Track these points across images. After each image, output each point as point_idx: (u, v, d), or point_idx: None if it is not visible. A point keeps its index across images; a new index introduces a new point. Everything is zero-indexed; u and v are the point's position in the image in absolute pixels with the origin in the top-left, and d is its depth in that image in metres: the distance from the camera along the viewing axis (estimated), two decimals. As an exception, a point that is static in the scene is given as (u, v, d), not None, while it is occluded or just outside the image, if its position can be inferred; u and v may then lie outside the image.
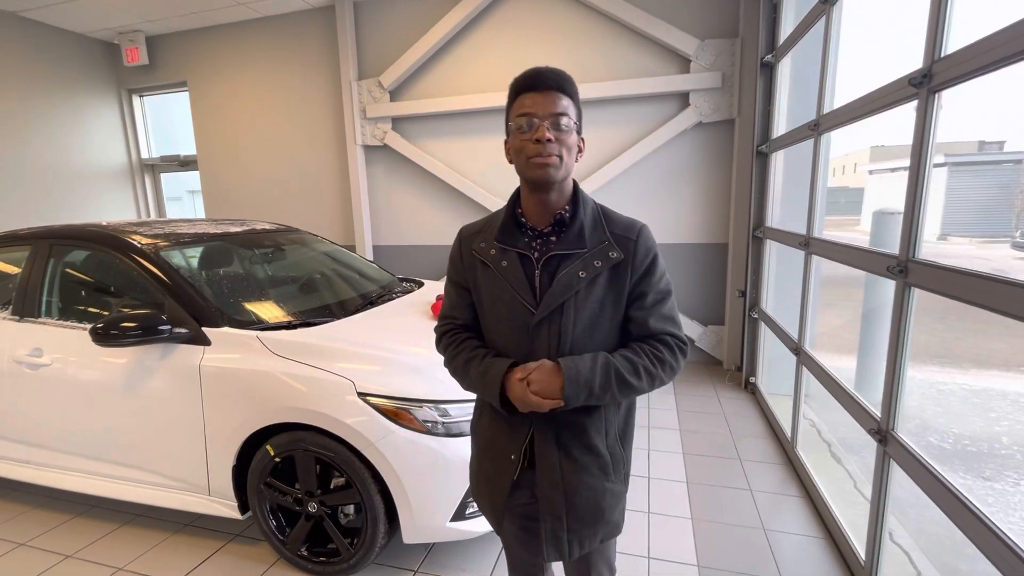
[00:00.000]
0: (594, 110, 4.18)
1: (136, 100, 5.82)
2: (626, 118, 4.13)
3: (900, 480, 1.73)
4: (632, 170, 4.12)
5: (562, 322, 1.03)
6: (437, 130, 4.61)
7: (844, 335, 5.10)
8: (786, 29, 3.24)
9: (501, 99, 4.24)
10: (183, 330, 1.99)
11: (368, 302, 2.55)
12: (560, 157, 1.00)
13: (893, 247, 1.64)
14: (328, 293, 2.69)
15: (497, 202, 4.44)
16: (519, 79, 1.04)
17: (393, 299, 2.66)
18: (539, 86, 1.02)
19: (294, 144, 5.14)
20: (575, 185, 1.10)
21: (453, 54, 4.44)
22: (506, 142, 1.08)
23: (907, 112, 1.70)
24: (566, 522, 1.09)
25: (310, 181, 5.16)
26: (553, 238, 1.07)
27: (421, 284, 3.08)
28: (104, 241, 2.24)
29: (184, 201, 6.76)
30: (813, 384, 3.06)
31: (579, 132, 1.06)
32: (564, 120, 1.00)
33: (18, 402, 2.24)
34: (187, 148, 5.74)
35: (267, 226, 3.01)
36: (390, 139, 4.64)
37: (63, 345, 2.17)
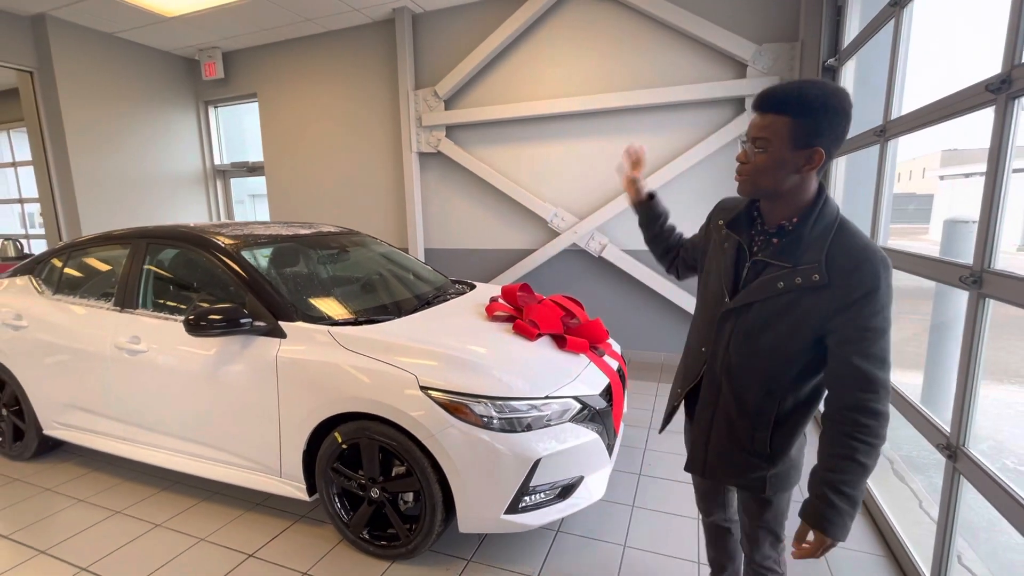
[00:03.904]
0: (647, 116, 4.18)
1: (211, 111, 6.29)
2: (680, 123, 4.12)
3: (970, 502, 1.66)
4: (686, 174, 4.09)
5: (749, 318, 1.17)
6: (489, 137, 4.74)
7: (908, 349, 4.83)
8: (851, 32, 3.15)
9: (553, 107, 4.34)
10: (262, 324, 2.17)
11: (425, 302, 2.67)
12: (749, 177, 1.11)
13: (966, 257, 1.59)
14: (389, 293, 2.84)
15: (547, 207, 4.51)
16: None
17: (448, 300, 2.77)
18: (758, 107, 1.09)
19: (353, 151, 5.41)
20: (816, 199, 1.10)
21: (506, 64, 4.56)
22: None
23: (982, 114, 1.64)
24: (702, 458, 1.33)
25: (367, 186, 5.41)
26: (775, 240, 1.15)
27: (473, 286, 3.18)
28: (194, 241, 2.47)
29: (245, 204, 7.25)
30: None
31: (799, 146, 1.04)
32: (758, 142, 1.08)
33: (118, 384, 2.50)
34: (255, 155, 6.15)
35: (332, 229, 3.21)
36: (444, 146, 4.81)
37: (157, 334, 2.40)
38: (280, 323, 2.17)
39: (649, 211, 1.54)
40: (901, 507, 2.31)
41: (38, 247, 6.49)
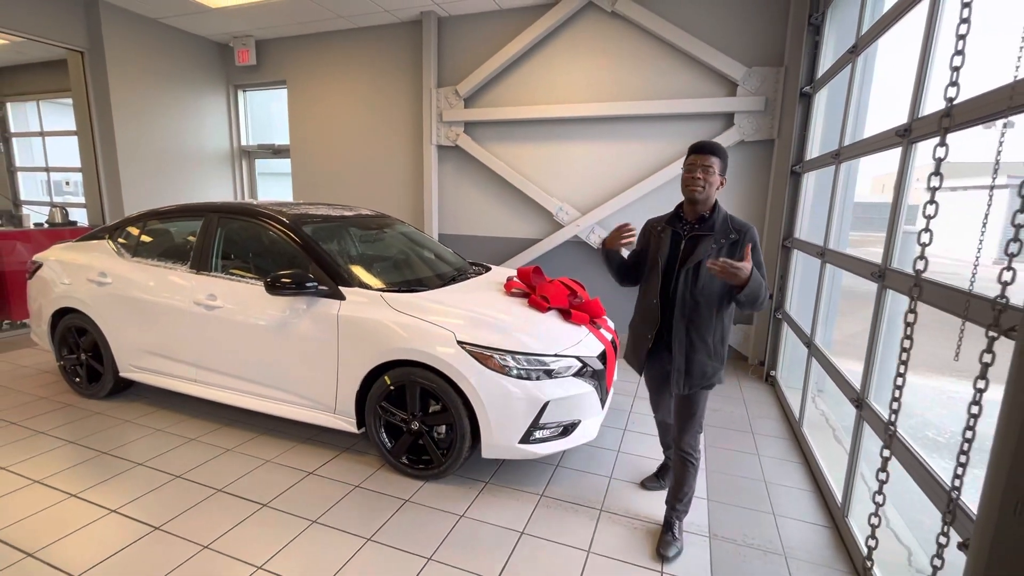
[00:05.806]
0: (647, 125, 4.68)
1: (240, 94, 6.68)
2: (676, 133, 4.62)
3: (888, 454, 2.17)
4: (677, 180, 4.59)
5: (699, 272, 1.93)
6: (504, 135, 5.21)
7: (856, 342, 5.42)
8: (824, 63, 3.66)
9: (564, 110, 4.87)
10: (324, 288, 2.66)
11: (452, 278, 3.17)
12: (704, 188, 1.92)
13: (909, 260, 2.08)
14: (422, 269, 3.33)
15: (553, 201, 5.00)
16: (691, 146, 1.98)
17: (470, 278, 3.27)
18: (701, 151, 1.94)
19: (375, 140, 5.85)
20: (716, 203, 1.98)
21: (523, 69, 5.02)
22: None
23: (975, 131, 2.00)
24: (684, 374, 2.00)
25: (387, 173, 5.87)
26: (696, 226, 1.99)
27: (489, 268, 3.68)
28: (265, 217, 2.94)
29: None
30: (829, 383, 3.48)
31: (721, 173, 1.92)
32: (708, 168, 1.91)
33: (196, 334, 2.97)
34: (278, 138, 6.56)
35: (369, 212, 3.68)
36: (462, 141, 5.28)
37: (232, 293, 2.88)
38: (340, 288, 2.66)
39: (615, 254, 2.31)
40: (834, 460, 2.86)
41: (72, 214, 6.86)
